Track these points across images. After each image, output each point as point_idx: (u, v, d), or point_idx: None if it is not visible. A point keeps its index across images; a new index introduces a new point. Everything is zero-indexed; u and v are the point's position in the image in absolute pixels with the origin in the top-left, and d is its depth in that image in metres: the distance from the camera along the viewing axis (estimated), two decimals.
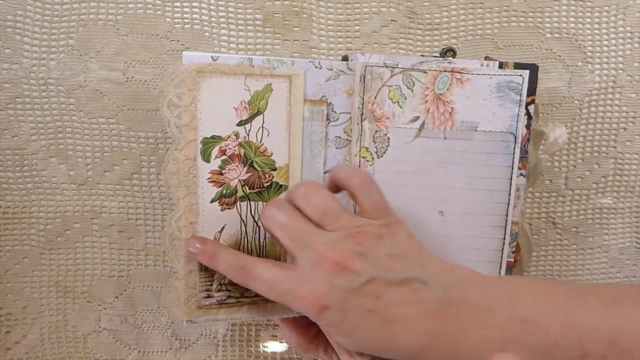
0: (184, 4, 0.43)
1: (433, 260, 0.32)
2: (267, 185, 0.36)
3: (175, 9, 0.43)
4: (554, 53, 0.46)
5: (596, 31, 0.46)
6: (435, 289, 0.30)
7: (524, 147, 0.37)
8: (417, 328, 0.29)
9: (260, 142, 0.36)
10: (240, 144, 0.35)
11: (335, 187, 0.34)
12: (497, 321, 0.28)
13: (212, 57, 0.34)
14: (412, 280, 0.30)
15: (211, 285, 0.37)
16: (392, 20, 0.44)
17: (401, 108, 0.37)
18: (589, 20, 0.46)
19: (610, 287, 0.33)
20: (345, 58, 0.38)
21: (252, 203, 0.36)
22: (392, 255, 0.31)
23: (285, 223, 0.31)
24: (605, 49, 0.46)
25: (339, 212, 0.31)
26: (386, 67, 0.37)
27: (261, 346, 0.48)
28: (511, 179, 0.38)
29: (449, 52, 0.40)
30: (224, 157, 0.35)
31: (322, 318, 0.29)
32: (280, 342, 0.48)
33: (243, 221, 0.36)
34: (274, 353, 0.48)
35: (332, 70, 0.36)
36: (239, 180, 0.36)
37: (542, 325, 0.28)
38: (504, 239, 0.38)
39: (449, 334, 0.28)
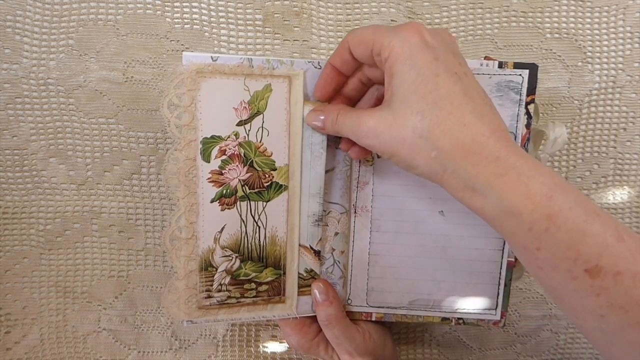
0: (184, 4, 0.43)
1: None
2: (267, 185, 0.36)
3: (175, 9, 0.43)
4: (554, 53, 0.46)
5: (596, 31, 0.46)
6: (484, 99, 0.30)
7: (524, 146, 0.37)
8: (462, 119, 0.29)
9: (260, 142, 0.36)
10: (240, 144, 0.35)
11: None
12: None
13: (212, 57, 0.34)
14: (464, 75, 0.30)
15: (211, 285, 0.36)
16: (392, 20, 0.44)
17: None
18: (589, 20, 0.46)
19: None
20: None
21: (252, 203, 0.36)
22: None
23: None
24: (605, 49, 0.46)
25: None
26: None
27: (261, 346, 0.48)
28: None
29: None
30: (224, 157, 0.35)
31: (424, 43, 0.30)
32: (280, 342, 0.48)
33: (243, 221, 0.36)
34: (274, 353, 0.48)
35: None
36: (239, 180, 0.36)
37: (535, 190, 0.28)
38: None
39: (473, 150, 0.28)
